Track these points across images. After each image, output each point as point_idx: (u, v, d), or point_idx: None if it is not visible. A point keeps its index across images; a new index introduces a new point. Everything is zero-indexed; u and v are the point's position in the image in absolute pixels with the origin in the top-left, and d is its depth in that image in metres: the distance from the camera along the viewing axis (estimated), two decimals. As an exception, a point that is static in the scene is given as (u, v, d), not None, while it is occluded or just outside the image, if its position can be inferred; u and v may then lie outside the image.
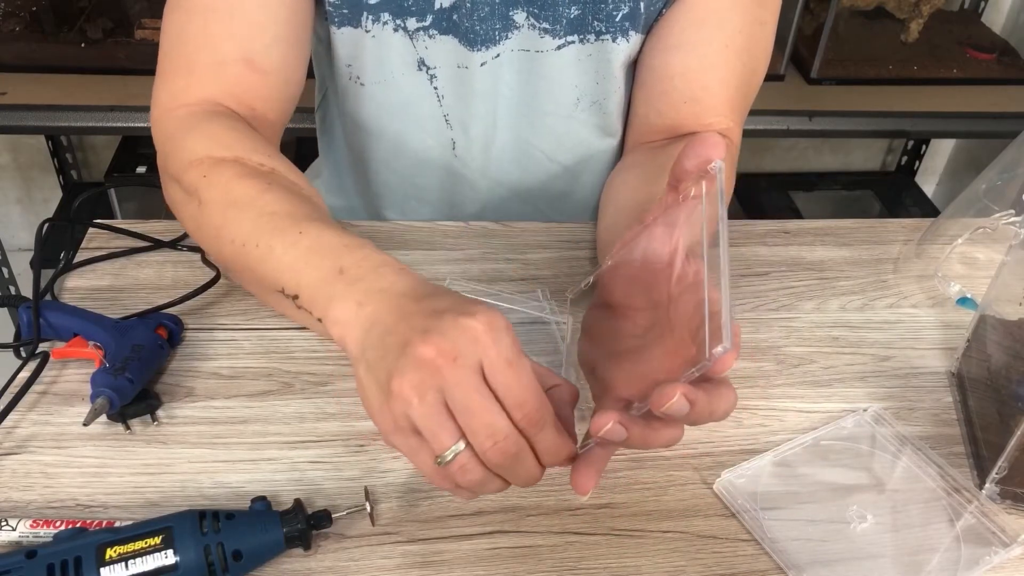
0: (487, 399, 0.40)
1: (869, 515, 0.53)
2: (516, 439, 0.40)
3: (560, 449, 0.42)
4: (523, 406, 0.40)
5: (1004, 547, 0.52)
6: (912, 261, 0.75)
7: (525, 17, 0.67)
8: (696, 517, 0.53)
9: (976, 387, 0.61)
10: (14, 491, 0.52)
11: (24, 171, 1.84)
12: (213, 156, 0.55)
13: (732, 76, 0.67)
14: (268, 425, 0.57)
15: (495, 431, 0.40)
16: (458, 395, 0.39)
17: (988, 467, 0.55)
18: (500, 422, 0.40)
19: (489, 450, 0.40)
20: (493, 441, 0.40)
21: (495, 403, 0.40)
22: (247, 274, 0.53)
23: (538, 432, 0.41)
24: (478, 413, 0.39)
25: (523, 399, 0.40)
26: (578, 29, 0.68)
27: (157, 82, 0.63)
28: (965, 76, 1.51)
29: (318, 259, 0.47)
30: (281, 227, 0.49)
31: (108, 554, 0.45)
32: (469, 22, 0.66)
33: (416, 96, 0.71)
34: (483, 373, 0.40)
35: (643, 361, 0.46)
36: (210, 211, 0.54)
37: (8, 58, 1.34)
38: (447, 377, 0.39)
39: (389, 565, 0.49)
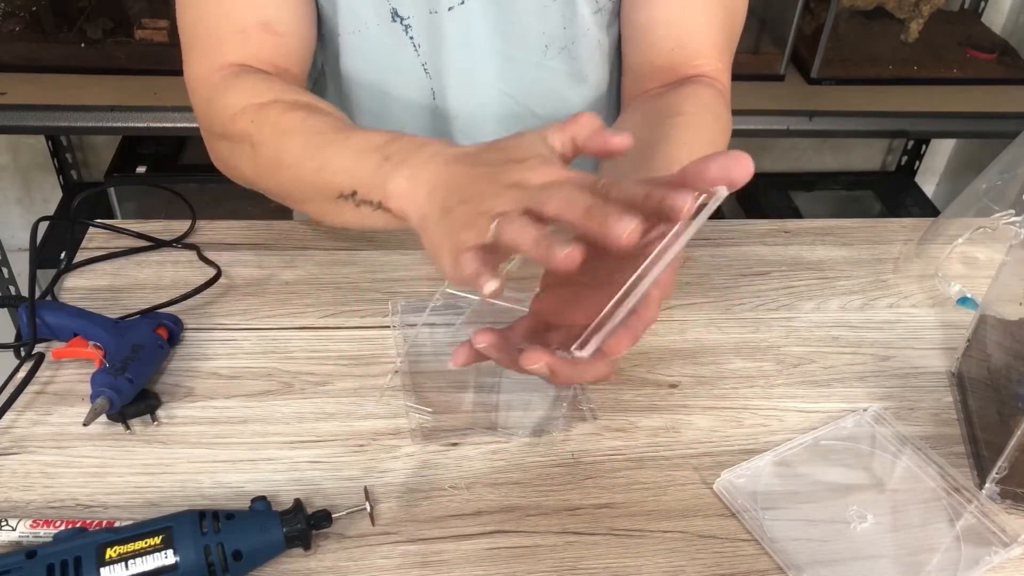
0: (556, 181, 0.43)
1: (869, 515, 0.53)
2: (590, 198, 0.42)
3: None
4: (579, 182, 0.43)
5: (1004, 547, 0.52)
6: (912, 261, 0.75)
7: None
8: (696, 517, 0.53)
9: (976, 387, 0.61)
10: (14, 491, 0.52)
11: (24, 171, 1.84)
12: (255, 103, 0.61)
13: (715, 19, 0.69)
14: (268, 425, 0.57)
15: (573, 197, 0.42)
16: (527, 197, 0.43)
17: (988, 467, 0.55)
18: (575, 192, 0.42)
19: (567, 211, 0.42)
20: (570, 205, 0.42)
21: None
22: (308, 191, 0.58)
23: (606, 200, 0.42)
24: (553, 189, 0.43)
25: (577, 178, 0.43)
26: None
27: (185, 58, 0.67)
28: (965, 76, 1.51)
29: (367, 155, 0.52)
30: (329, 139, 0.56)
31: (108, 554, 0.45)
32: None
33: (393, 46, 0.72)
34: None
35: (573, 301, 0.49)
36: (265, 147, 0.60)
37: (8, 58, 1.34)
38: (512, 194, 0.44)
39: (389, 565, 0.49)
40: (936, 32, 1.58)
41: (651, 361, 0.64)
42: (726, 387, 0.62)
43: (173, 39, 1.39)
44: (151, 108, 1.26)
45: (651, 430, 0.58)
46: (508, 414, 0.59)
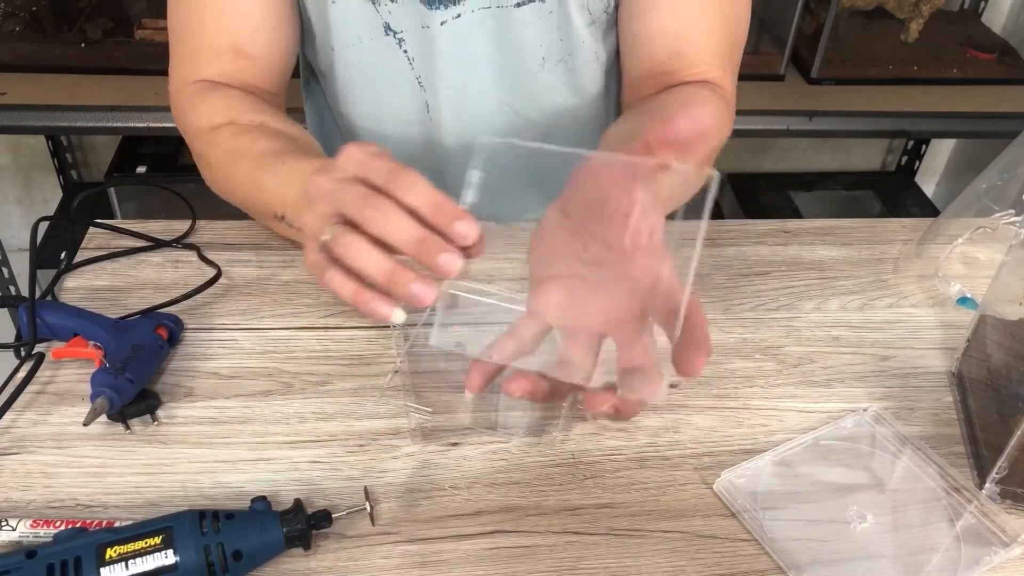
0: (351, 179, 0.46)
1: (869, 515, 0.53)
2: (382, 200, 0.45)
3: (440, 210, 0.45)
4: (388, 170, 0.45)
5: (1004, 547, 0.52)
6: (912, 261, 0.75)
7: None
8: (696, 517, 0.53)
9: (976, 387, 0.61)
10: (14, 491, 0.52)
11: (24, 171, 1.84)
12: (212, 124, 0.65)
13: (715, 28, 0.69)
14: (268, 425, 0.57)
15: (363, 195, 0.45)
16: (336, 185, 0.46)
17: (988, 467, 0.55)
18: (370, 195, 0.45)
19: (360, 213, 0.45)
20: (361, 205, 0.45)
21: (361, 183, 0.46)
22: (255, 209, 0.64)
23: (405, 187, 0.44)
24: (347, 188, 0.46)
25: (390, 168, 0.45)
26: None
27: (170, 69, 0.71)
28: (965, 76, 1.51)
29: (294, 183, 0.54)
30: (268, 163, 0.59)
31: (108, 554, 0.45)
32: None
33: (387, 59, 0.73)
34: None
35: (582, 296, 0.49)
36: (218, 168, 0.65)
37: (8, 58, 1.34)
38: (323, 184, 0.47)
39: (389, 565, 0.49)
40: (936, 32, 1.58)
41: (651, 361, 0.64)
42: (726, 387, 0.62)
43: (173, 39, 1.39)
44: (151, 108, 1.26)
45: (651, 430, 0.58)
46: (508, 414, 0.59)
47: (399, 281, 0.44)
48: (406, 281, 0.44)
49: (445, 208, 0.44)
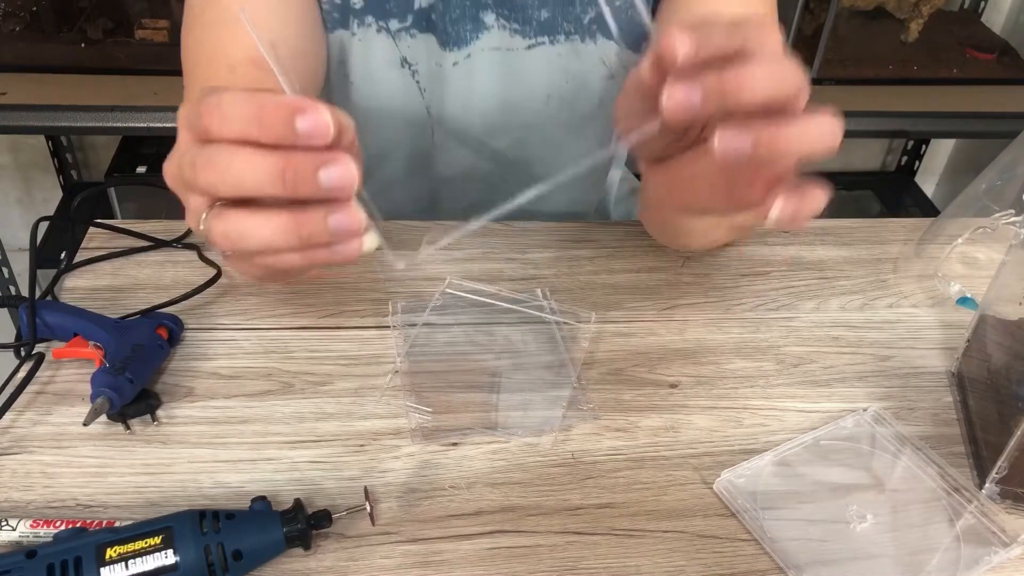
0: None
1: (869, 515, 0.53)
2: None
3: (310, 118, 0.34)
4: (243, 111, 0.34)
5: (1004, 547, 0.52)
6: (912, 261, 0.75)
7: (495, 19, 0.69)
8: (696, 517, 0.53)
9: (976, 387, 0.61)
10: (14, 491, 0.52)
11: (24, 171, 1.84)
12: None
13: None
14: (268, 425, 0.57)
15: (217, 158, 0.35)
16: (189, 157, 0.36)
17: (988, 467, 0.55)
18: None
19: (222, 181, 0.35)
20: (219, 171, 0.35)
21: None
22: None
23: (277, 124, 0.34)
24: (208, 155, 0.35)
25: (241, 109, 0.34)
26: (548, 30, 0.70)
27: (184, 95, 0.66)
28: (965, 76, 1.51)
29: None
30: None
31: (108, 554, 0.45)
32: (443, 23, 0.68)
33: (400, 89, 0.73)
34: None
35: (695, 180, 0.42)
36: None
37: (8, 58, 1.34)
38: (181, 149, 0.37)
39: (389, 565, 0.49)
40: (936, 32, 1.58)
41: (651, 361, 0.64)
42: (726, 387, 0.62)
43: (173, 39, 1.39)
44: (151, 108, 1.26)
45: (651, 430, 0.58)
46: (508, 414, 0.59)
47: (310, 230, 0.35)
48: (318, 222, 0.35)
49: (275, 110, 0.34)
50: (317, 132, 0.34)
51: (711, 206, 0.42)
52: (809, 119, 0.36)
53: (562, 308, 0.67)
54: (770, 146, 0.35)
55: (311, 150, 0.34)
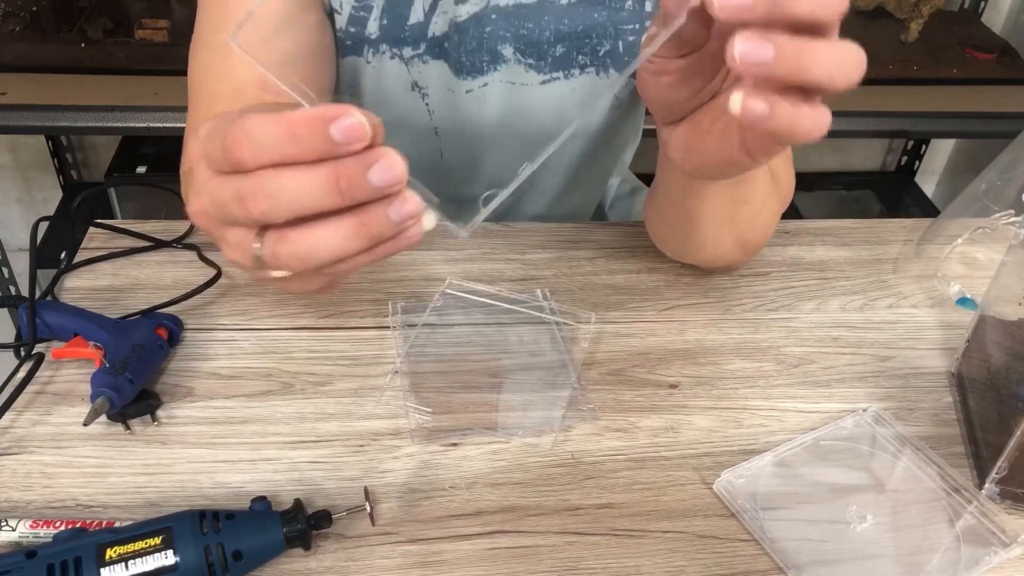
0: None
1: (869, 515, 0.53)
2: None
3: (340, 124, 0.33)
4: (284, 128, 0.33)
5: (1004, 547, 0.52)
6: (912, 261, 0.75)
7: (512, 52, 0.69)
8: (696, 517, 0.53)
9: (976, 387, 0.61)
10: (14, 491, 0.52)
11: (24, 171, 1.84)
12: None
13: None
14: (268, 425, 0.57)
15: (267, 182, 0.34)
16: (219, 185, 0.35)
17: (988, 467, 0.55)
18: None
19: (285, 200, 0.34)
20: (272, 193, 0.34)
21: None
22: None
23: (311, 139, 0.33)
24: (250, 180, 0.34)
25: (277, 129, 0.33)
26: (563, 65, 0.70)
27: (188, 116, 0.66)
28: (965, 76, 1.51)
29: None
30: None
31: (108, 554, 0.45)
32: (457, 52, 0.69)
33: (410, 111, 0.74)
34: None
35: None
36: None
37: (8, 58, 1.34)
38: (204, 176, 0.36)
39: (389, 565, 0.49)
40: (936, 32, 1.58)
41: (651, 361, 0.64)
42: (726, 387, 0.62)
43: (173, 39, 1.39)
44: (151, 108, 1.26)
45: (651, 430, 0.58)
46: (508, 414, 0.59)
47: (377, 228, 0.35)
48: (382, 218, 0.35)
49: (307, 125, 0.33)
50: (355, 135, 0.33)
51: (728, 160, 0.43)
52: (835, 42, 0.35)
53: (562, 308, 0.67)
54: (794, 60, 0.34)
55: (352, 154, 0.33)
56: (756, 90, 0.35)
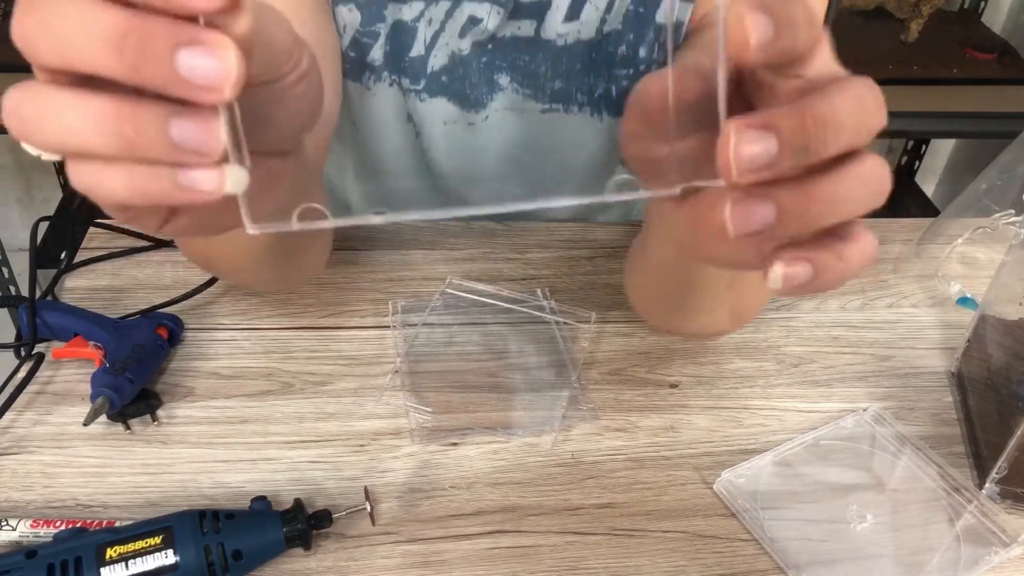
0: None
1: (869, 515, 0.53)
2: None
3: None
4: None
5: (1004, 547, 0.52)
6: (912, 261, 0.75)
7: (509, 81, 0.69)
8: (696, 517, 0.53)
9: (976, 387, 0.61)
10: (14, 491, 0.52)
11: (24, 171, 1.84)
12: None
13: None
14: (268, 425, 0.57)
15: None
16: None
17: (988, 467, 0.55)
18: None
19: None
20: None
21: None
22: None
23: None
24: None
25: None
26: (562, 99, 0.70)
27: None
28: (965, 76, 1.51)
29: None
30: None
31: (108, 554, 0.45)
32: (460, 86, 0.68)
33: (404, 142, 0.74)
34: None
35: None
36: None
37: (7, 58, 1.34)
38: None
39: (389, 565, 0.49)
40: (936, 32, 1.58)
41: (651, 361, 0.64)
42: (726, 387, 0.62)
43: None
44: (151, 108, 1.26)
45: (651, 430, 0.58)
46: (508, 414, 0.59)
47: (140, 130, 0.24)
48: (153, 121, 0.24)
49: None
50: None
51: (744, 262, 0.32)
52: (856, 168, 0.28)
53: (562, 308, 0.67)
54: (804, 216, 0.28)
55: (176, 19, 0.23)
56: (792, 255, 0.28)
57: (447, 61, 0.66)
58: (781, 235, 0.28)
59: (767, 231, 0.28)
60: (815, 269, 0.28)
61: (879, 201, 0.29)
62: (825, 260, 0.29)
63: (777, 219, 0.27)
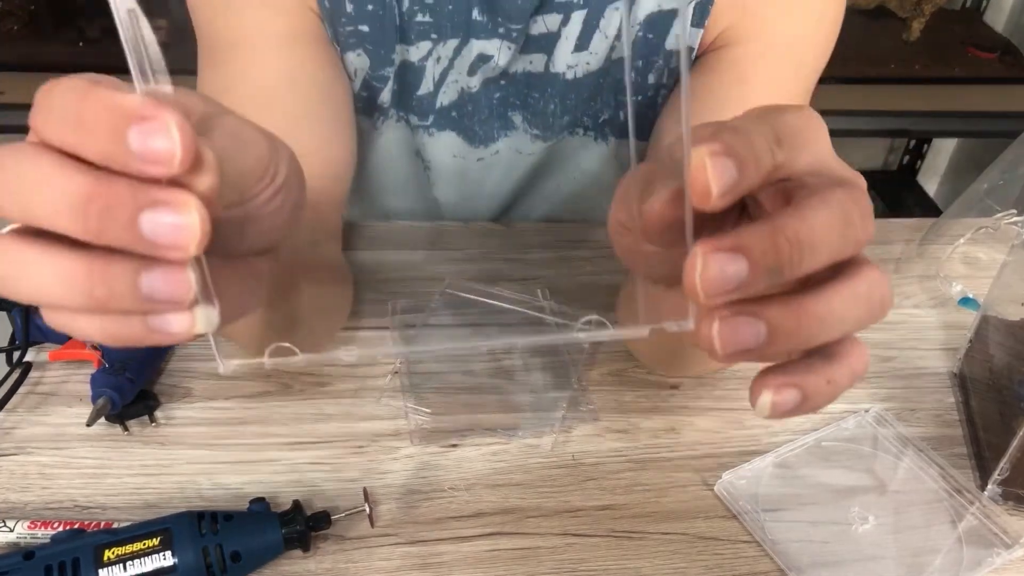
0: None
1: (871, 516, 0.53)
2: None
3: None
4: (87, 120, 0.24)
5: (1006, 548, 0.52)
6: (914, 261, 0.75)
7: (521, 120, 0.68)
8: (697, 519, 0.53)
9: (978, 388, 0.60)
10: (12, 492, 0.52)
11: (24, 170, 1.84)
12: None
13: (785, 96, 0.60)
14: (267, 426, 0.57)
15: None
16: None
17: (990, 468, 0.54)
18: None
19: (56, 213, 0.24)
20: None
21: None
22: None
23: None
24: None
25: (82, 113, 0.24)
26: (568, 127, 0.70)
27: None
28: (967, 75, 1.51)
29: None
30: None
31: (106, 555, 0.44)
32: (470, 122, 0.68)
33: (411, 178, 0.74)
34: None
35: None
36: None
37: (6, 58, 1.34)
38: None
39: (389, 567, 0.49)
40: (938, 31, 1.58)
41: (652, 362, 0.64)
42: (727, 388, 0.62)
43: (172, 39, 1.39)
44: (151, 107, 1.26)
45: (652, 431, 0.58)
46: (508, 415, 0.58)
47: (111, 289, 0.24)
48: (123, 279, 0.24)
49: (102, 110, 0.24)
50: (156, 154, 0.23)
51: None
52: (850, 283, 0.27)
53: (562, 309, 0.66)
54: (795, 336, 0.27)
55: (142, 179, 0.23)
56: (780, 381, 0.28)
57: (456, 98, 0.66)
58: (771, 355, 0.28)
59: (756, 351, 0.27)
60: (803, 395, 0.28)
61: (877, 319, 0.28)
62: (814, 385, 0.28)
63: (767, 339, 0.27)
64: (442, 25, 0.60)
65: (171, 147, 0.23)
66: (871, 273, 0.28)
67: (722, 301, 0.26)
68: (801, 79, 0.61)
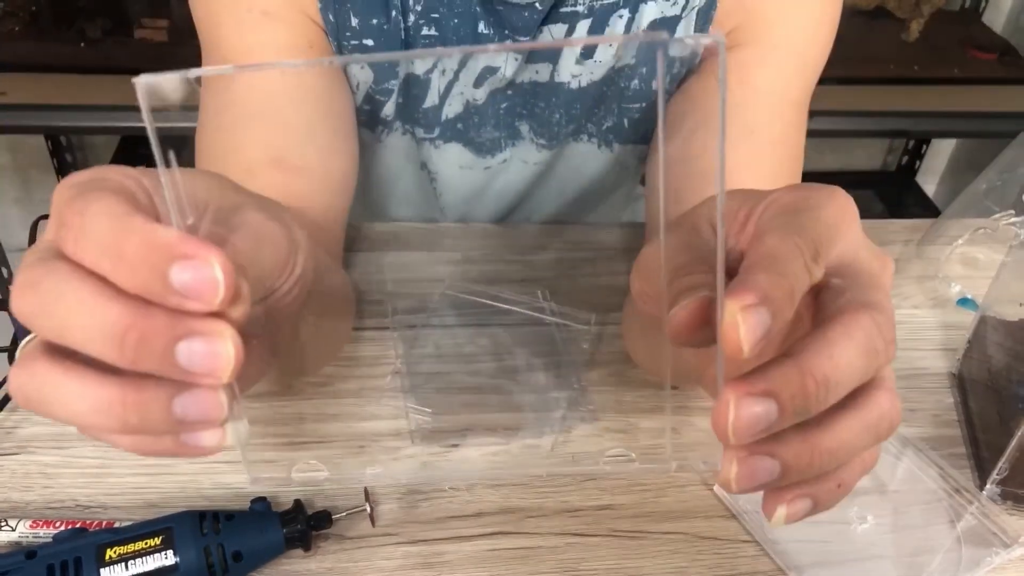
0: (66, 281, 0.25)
1: (870, 516, 0.53)
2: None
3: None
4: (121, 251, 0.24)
5: (1005, 548, 0.52)
6: (913, 261, 0.75)
7: (528, 130, 0.69)
8: (697, 518, 0.53)
9: (977, 388, 0.61)
10: (14, 491, 0.52)
11: (24, 171, 1.84)
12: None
13: (769, 172, 0.62)
14: (268, 426, 0.57)
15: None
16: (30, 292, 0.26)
17: (989, 468, 0.55)
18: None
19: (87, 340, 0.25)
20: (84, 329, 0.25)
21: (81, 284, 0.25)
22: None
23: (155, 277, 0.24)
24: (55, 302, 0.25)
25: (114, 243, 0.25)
26: (572, 135, 0.70)
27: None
28: (966, 76, 1.51)
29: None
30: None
31: (108, 554, 0.45)
32: (476, 132, 0.68)
33: (415, 187, 0.75)
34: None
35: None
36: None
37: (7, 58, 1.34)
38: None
39: (390, 566, 0.49)
40: (937, 32, 1.58)
41: (652, 362, 0.64)
42: (727, 388, 0.62)
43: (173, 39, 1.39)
44: (151, 108, 1.26)
45: (652, 431, 0.58)
46: (508, 415, 0.58)
47: (145, 416, 0.26)
48: (157, 407, 0.26)
49: (144, 247, 0.24)
50: (199, 291, 0.24)
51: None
52: (863, 412, 0.29)
53: (562, 310, 0.66)
54: (808, 468, 0.28)
55: (178, 312, 0.24)
56: (794, 494, 0.29)
57: (462, 109, 0.66)
58: (785, 484, 0.29)
59: (770, 484, 0.28)
60: (814, 503, 0.29)
61: (883, 440, 0.30)
62: (826, 492, 0.29)
63: (781, 475, 0.28)
64: (448, 39, 0.59)
65: (215, 287, 0.24)
66: (883, 400, 0.30)
67: (750, 441, 0.28)
68: (804, 80, 0.61)
